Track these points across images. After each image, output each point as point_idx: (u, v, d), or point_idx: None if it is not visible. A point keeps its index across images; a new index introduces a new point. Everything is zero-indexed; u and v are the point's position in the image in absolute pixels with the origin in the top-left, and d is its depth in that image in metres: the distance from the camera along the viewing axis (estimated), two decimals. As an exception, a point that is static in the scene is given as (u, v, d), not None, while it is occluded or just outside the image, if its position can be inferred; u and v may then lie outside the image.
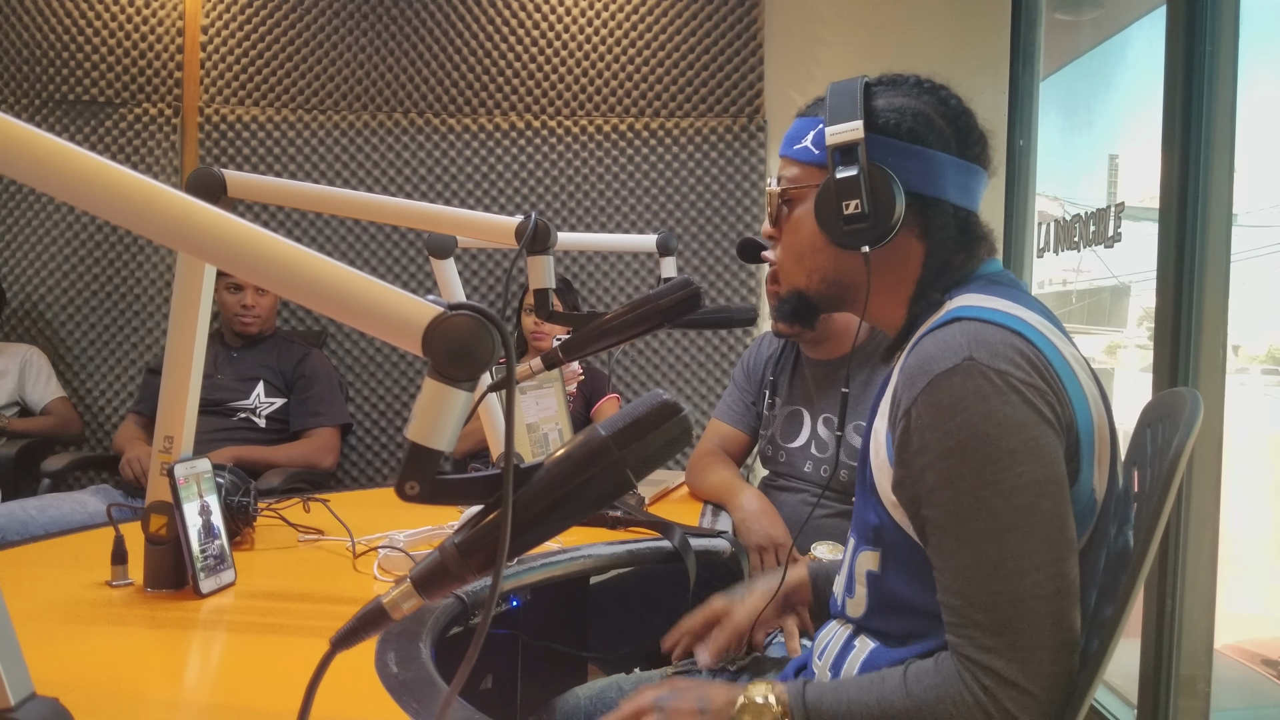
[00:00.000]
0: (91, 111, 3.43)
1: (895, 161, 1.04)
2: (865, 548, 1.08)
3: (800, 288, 1.15)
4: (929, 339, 0.97)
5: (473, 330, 0.66)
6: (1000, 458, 0.90)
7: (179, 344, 1.35)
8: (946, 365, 0.93)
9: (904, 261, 1.09)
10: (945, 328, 0.97)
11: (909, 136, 1.05)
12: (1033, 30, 3.35)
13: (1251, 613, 2.72)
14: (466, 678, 0.66)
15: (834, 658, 1.12)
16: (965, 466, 0.91)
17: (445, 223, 1.53)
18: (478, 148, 3.47)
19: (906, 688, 0.94)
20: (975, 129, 1.09)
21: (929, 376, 0.93)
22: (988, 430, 0.91)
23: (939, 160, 1.06)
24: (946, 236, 1.07)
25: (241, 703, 1.01)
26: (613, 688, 1.40)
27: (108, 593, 1.35)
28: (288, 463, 2.79)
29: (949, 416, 0.92)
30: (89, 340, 3.44)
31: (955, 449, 0.92)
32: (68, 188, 0.72)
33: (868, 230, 1.05)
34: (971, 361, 0.92)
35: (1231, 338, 2.22)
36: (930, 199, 1.06)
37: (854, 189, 1.03)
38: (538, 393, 2.11)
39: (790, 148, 1.14)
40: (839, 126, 1.05)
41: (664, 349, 3.50)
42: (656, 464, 0.70)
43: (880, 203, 1.03)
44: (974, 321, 0.96)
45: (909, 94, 1.08)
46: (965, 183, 1.08)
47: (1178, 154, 2.23)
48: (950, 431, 0.92)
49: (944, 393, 0.92)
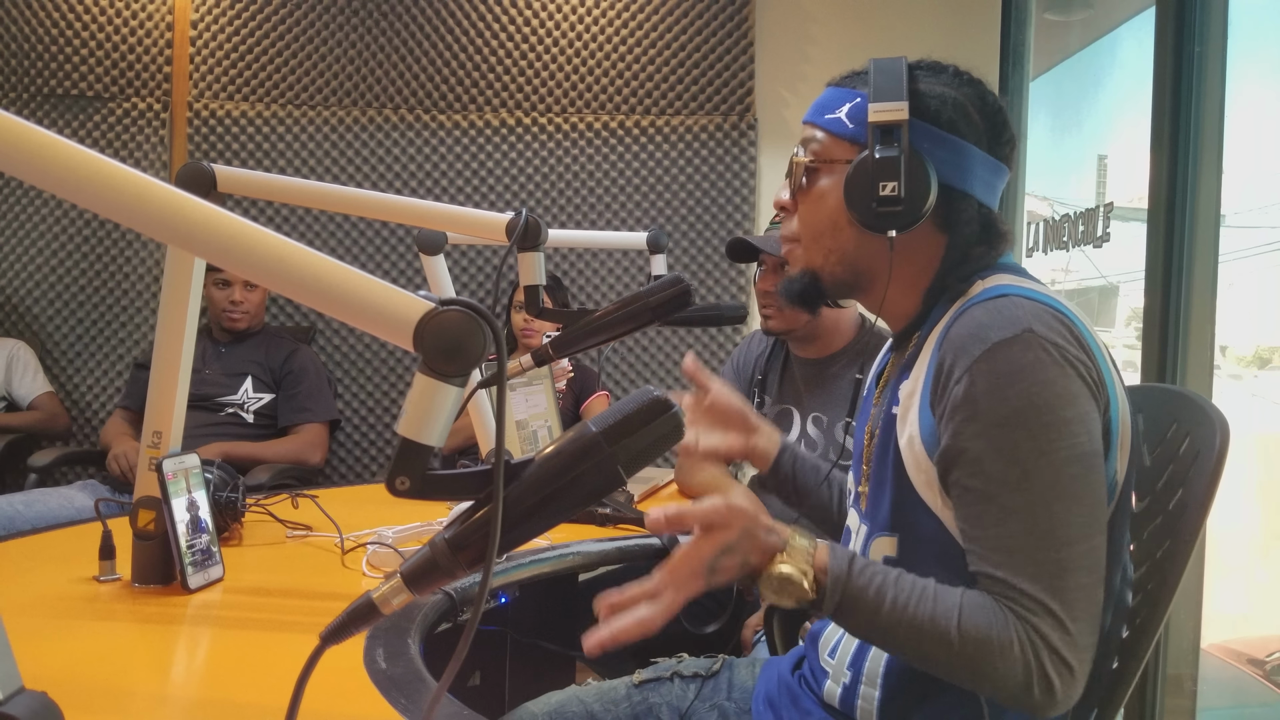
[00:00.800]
0: (80, 106, 3.41)
1: (931, 149, 1.02)
2: (880, 534, 1.06)
3: (815, 267, 1.11)
4: (979, 309, 0.96)
5: (464, 326, 0.66)
6: (1057, 426, 0.90)
7: (167, 339, 1.34)
8: (1006, 334, 0.92)
9: (924, 252, 1.07)
10: (994, 301, 0.96)
11: (948, 126, 1.03)
12: (1022, 30, 3.36)
13: (1238, 612, 2.74)
14: (455, 674, 0.66)
15: (850, 657, 1.09)
16: (1020, 434, 0.91)
17: (436, 219, 1.53)
18: (468, 144, 3.47)
19: (960, 616, 0.90)
20: (1007, 128, 1.06)
21: (986, 345, 0.93)
22: (1047, 399, 0.91)
23: (972, 154, 1.04)
24: (969, 231, 1.05)
25: (230, 698, 1.01)
26: (571, 700, 1.29)
27: (95, 588, 1.34)
28: (276, 458, 2.78)
29: (1008, 384, 0.91)
30: (76, 335, 3.43)
31: (1011, 416, 0.91)
32: (59, 181, 0.71)
33: (898, 215, 1.02)
34: (1031, 333, 0.92)
35: (1219, 338, 2.23)
36: (958, 192, 1.04)
37: (893, 170, 1.00)
38: (527, 390, 2.11)
39: (820, 116, 1.09)
40: (884, 104, 1.01)
41: (654, 346, 3.50)
42: (647, 460, 0.70)
43: (915, 189, 1.01)
44: (1022, 298, 0.96)
45: (949, 83, 1.05)
46: (991, 180, 1.06)
47: (1166, 154, 2.24)
48: (1008, 399, 0.91)
49: (1003, 360, 0.92)
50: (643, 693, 1.30)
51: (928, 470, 0.99)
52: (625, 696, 1.29)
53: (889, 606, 0.92)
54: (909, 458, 1.01)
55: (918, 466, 1.00)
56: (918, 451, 1.00)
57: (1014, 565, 0.90)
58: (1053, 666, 0.88)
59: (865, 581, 0.93)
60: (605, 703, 1.29)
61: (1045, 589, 0.89)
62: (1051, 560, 0.89)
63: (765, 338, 2.14)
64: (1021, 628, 0.89)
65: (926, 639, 0.91)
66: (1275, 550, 2.67)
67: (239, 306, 2.91)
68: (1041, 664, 0.88)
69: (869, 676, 1.06)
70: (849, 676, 1.09)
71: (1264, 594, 2.72)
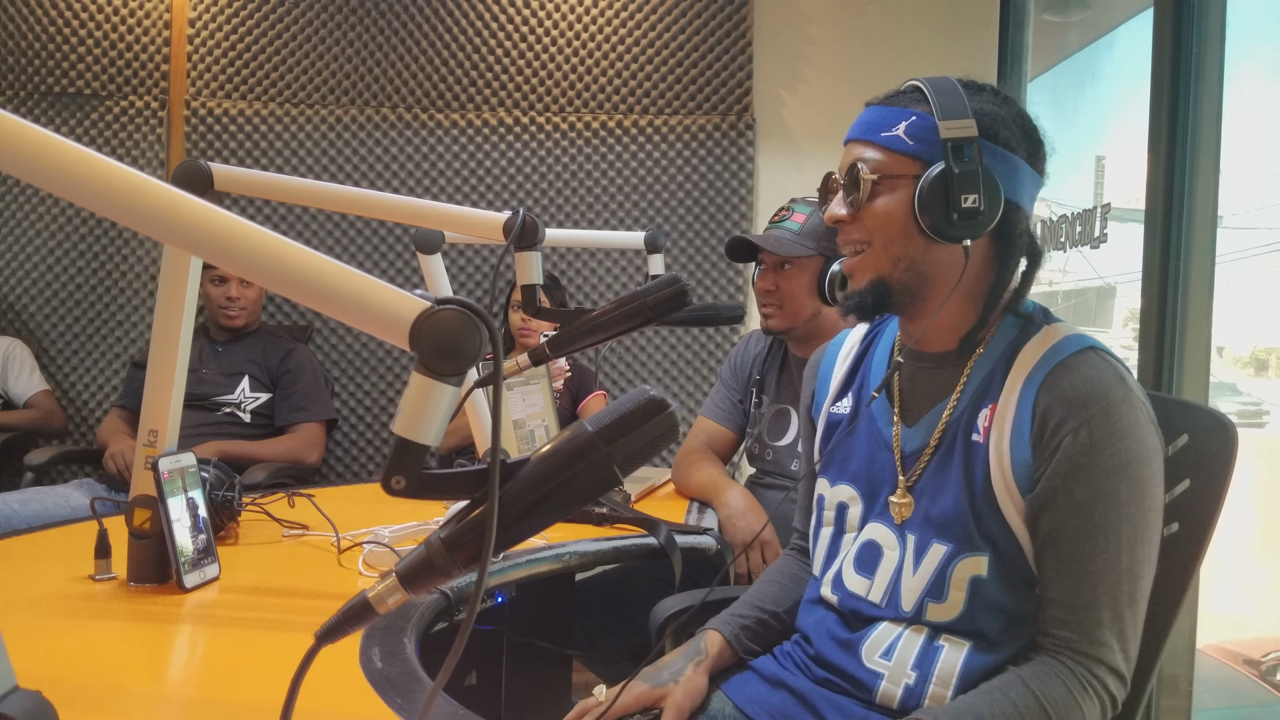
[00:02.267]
0: (77, 104, 3.40)
1: (992, 164, 1.10)
2: (969, 554, 1.11)
3: (884, 275, 1.15)
4: (1087, 368, 1.07)
5: (460, 325, 0.66)
6: (1149, 479, 1.05)
7: (164, 337, 1.34)
8: (1118, 395, 1.05)
9: (981, 262, 1.15)
10: (1094, 357, 1.08)
11: (1004, 143, 1.11)
12: (1021, 31, 3.36)
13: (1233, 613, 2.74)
14: (451, 673, 0.66)
15: (915, 659, 1.13)
16: (1123, 483, 1.04)
17: (433, 218, 1.52)
18: (465, 143, 3.47)
19: (1038, 694, 1.02)
20: (1042, 141, 1.17)
21: (1104, 402, 1.04)
22: (1144, 454, 1.05)
23: (1022, 168, 1.12)
24: (1022, 242, 1.13)
25: (225, 697, 1.01)
26: None
27: (91, 587, 1.34)
28: (273, 458, 2.78)
29: (1120, 439, 1.04)
30: (73, 334, 3.42)
31: (1118, 469, 1.03)
32: (56, 179, 0.71)
33: (975, 224, 1.09)
34: (1135, 395, 1.06)
35: (1215, 339, 2.24)
36: (1012, 204, 1.12)
37: (973, 184, 1.07)
38: (524, 389, 2.11)
39: (875, 134, 1.14)
40: (954, 122, 1.09)
41: (651, 346, 3.50)
42: (643, 460, 0.70)
43: (989, 200, 1.09)
44: (1108, 355, 1.09)
45: (993, 101, 1.13)
46: (1034, 193, 1.16)
47: (1164, 155, 2.24)
48: (1118, 452, 1.03)
49: (1118, 418, 1.04)
50: None
51: (1017, 501, 1.08)
52: None
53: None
54: (1001, 491, 1.09)
55: (1009, 494, 1.08)
56: (1009, 483, 1.08)
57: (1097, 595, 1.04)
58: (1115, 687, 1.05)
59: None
60: None
61: (1117, 617, 1.04)
62: (1129, 592, 1.04)
63: (763, 337, 2.14)
64: (1084, 666, 1.04)
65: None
66: (1271, 551, 2.67)
67: (235, 303, 2.91)
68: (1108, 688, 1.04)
69: (940, 677, 1.11)
70: (914, 677, 1.12)
71: (1260, 595, 2.73)
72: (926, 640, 1.12)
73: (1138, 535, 1.04)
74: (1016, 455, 1.07)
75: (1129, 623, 1.04)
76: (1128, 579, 1.04)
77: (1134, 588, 1.04)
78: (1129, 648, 1.05)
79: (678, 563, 1.68)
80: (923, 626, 1.13)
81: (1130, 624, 1.05)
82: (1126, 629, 1.04)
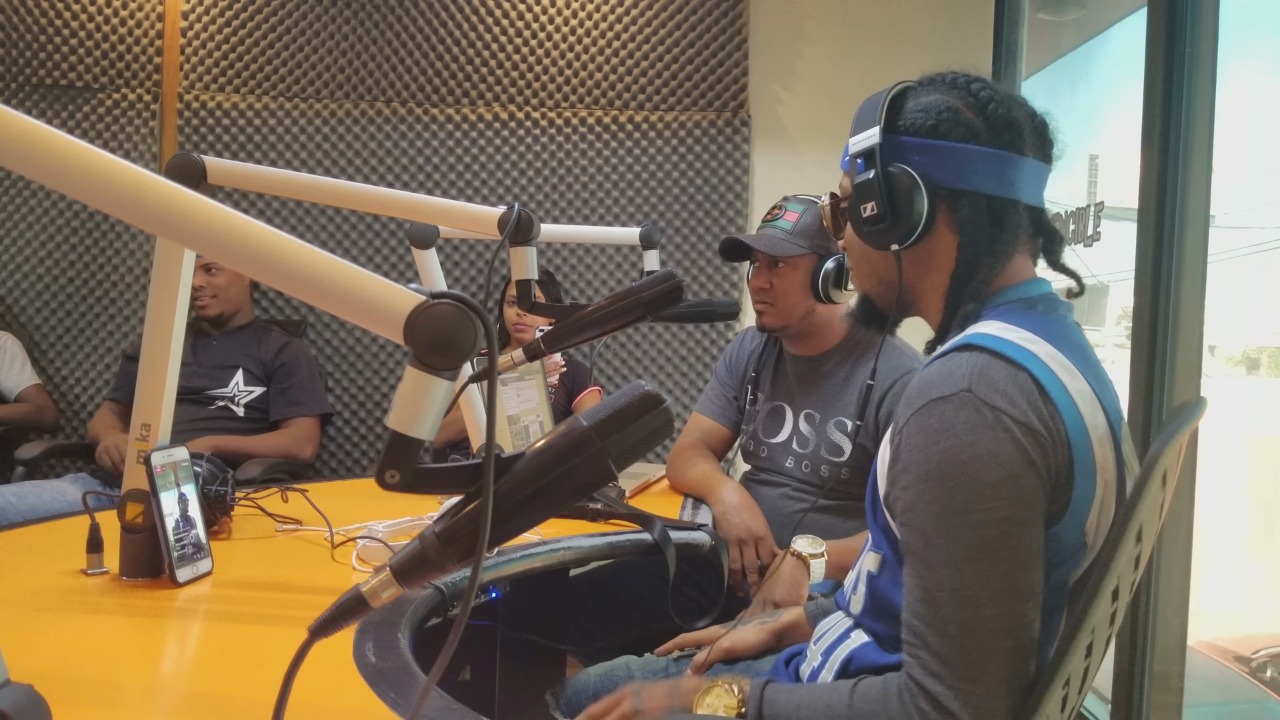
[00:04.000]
0: (70, 96, 3.39)
1: (918, 159, 1.06)
2: (871, 549, 1.11)
3: (866, 291, 1.19)
4: (936, 364, 0.99)
5: (455, 319, 0.66)
6: (974, 489, 0.92)
7: (157, 331, 1.34)
8: (943, 392, 0.95)
9: (941, 256, 1.10)
10: (954, 354, 0.98)
11: (929, 133, 1.07)
12: (1015, 30, 3.36)
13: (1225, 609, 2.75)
14: (444, 668, 0.66)
15: (828, 645, 1.15)
16: (939, 491, 0.93)
17: (428, 212, 1.52)
18: (460, 138, 3.46)
19: (851, 700, 0.98)
20: (1009, 116, 1.07)
21: (925, 400, 0.96)
22: (967, 460, 0.92)
23: (965, 153, 1.06)
24: (975, 227, 1.07)
25: (218, 691, 1.00)
26: (620, 668, 1.50)
27: (83, 581, 1.34)
28: (267, 453, 2.77)
29: (934, 441, 0.94)
30: (65, 327, 3.41)
31: (934, 473, 0.93)
32: (48, 171, 0.71)
33: (892, 229, 1.07)
34: (968, 393, 0.94)
35: (1208, 338, 2.24)
36: (959, 191, 1.06)
37: (869, 192, 1.06)
38: (519, 384, 2.11)
39: (843, 160, 1.16)
40: (859, 135, 1.09)
41: (646, 342, 3.50)
42: (638, 455, 0.70)
43: (899, 202, 1.06)
44: (983, 352, 0.96)
45: (938, 91, 1.09)
46: (1000, 170, 1.06)
47: (1157, 154, 2.24)
48: (931, 456, 0.94)
49: (934, 418, 0.94)
50: (679, 665, 1.47)
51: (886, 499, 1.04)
52: (664, 668, 1.48)
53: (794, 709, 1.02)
54: (881, 486, 1.06)
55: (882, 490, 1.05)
56: (882, 478, 1.05)
57: (924, 617, 0.93)
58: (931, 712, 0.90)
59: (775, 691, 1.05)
60: (647, 671, 1.47)
61: (948, 647, 0.90)
62: (958, 620, 0.91)
63: (758, 334, 2.14)
64: (909, 695, 0.92)
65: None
66: (1262, 548, 2.68)
67: (203, 291, 2.88)
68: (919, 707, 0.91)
69: (831, 664, 1.13)
70: (819, 660, 1.16)
71: (1251, 591, 2.74)
72: (845, 630, 1.15)
73: (965, 554, 0.91)
74: (889, 450, 1.03)
75: (971, 657, 0.90)
76: (956, 604, 0.90)
77: (968, 616, 0.90)
78: (970, 687, 0.89)
79: (672, 558, 1.68)
80: (850, 617, 1.16)
81: (973, 659, 0.90)
82: (962, 664, 0.90)
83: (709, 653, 1.40)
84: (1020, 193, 1.08)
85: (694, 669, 1.40)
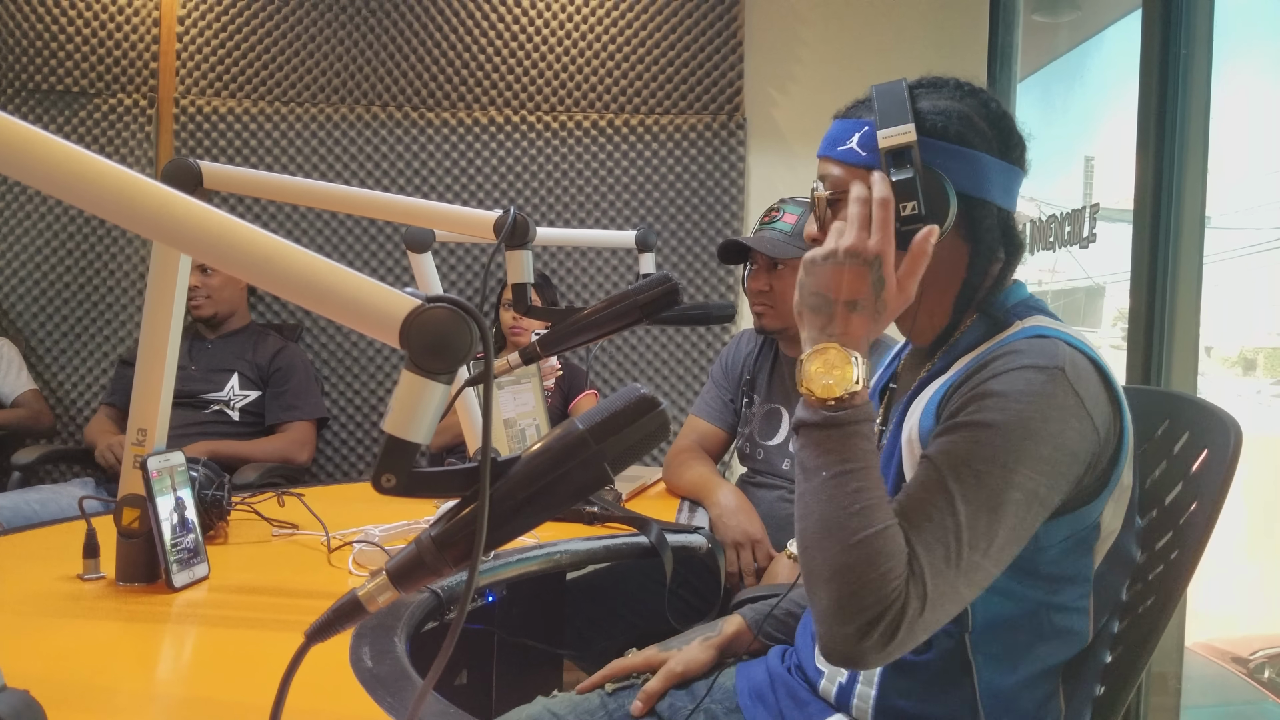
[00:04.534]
0: (65, 101, 3.39)
1: (944, 163, 1.06)
2: None
3: None
4: (1023, 341, 1.01)
5: (451, 322, 0.66)
6: (1029, 455, 0.94)
7: (153, 335, 1.33)
8: (1040, 362, 0.97)
9: (950, 262, 1.10)
10: (1040, 339, 1.01)
11: (956, 139, 1.06)
12: (1011, 32, 3.37)
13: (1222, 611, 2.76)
14: (441, 672, 0.66)
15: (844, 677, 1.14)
16: (997, 439, 0.94)
17: (423, 216, 1.52)
18: (456, 142, 3.46)
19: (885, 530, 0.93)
20: (1015, 131, 1.10)
21: (1021, 362, 0.97)
22: (1037, 429, 0.94)
23: (984, 162, 1.07)
24: (991, 237, 1.09)
25: (214, 696, 1.00)
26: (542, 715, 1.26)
27: (79, 586, 1.34)
28: (263, 457, 2.77)
29: (1015, 400, 0.95)
30: (61, 332, 3.40)
31: (1000, 424, 0.95)
32: (44, 176, 0.71)
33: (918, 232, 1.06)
34: (1061, 372, 0.96)
35: (1204, 339, 2.25)
36: (976, 200, 1.07)
37: (910, 191, 1.04)
38: (515, 388, 2.11)
39: (834, 149, 1.13)
40: (891, 130, 1.06)
41: (642, 345, 3.50)
42: (634, 458, 0.70)
43: (934, 204, 1.05)
44: (1065, 343, 1.00)
45: (951, 97, 1.09)
46: (1007, 184, 1.10)
47: (1152, 156, 2.25)
48: (1009, 409, 0.95)
49: (1025, 381, 0.96)
50: (618, 700, 1.29)
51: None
52: (600, 705, 1.28)
53: (856, 466, 0.95)
54: (907, 459, 1.06)
55: (912, 466, 1.04)
56: (915, 451, 1.04)
57: (926, 542, 0.93)
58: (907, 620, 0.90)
59: (865, 434, 0.97)
60: (579, 713, 1.26)
61: (936, 574, 0.92)
62: (954, 555, 0.92)
63: (754, 337, 2.14)
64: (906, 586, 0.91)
65: (849, 516, 0.93)
66: (1260, 550, 2.69)
67: (197, 291, 2.89)
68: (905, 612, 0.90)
69: (865, 675, 1.11)
70: (845, 675, 1.13)
71: (1248, 593, 2.74)
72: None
73: (990, 504, 0.93)
74: (924, 421, 1.04)
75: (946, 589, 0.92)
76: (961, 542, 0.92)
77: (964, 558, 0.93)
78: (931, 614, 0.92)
79: (668, 561, 1.68)
80: None
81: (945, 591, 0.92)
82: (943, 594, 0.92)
83: (658, 680, 1.27)
84: (1015, 205, 1.12)
85: (644, 699, 1.25)
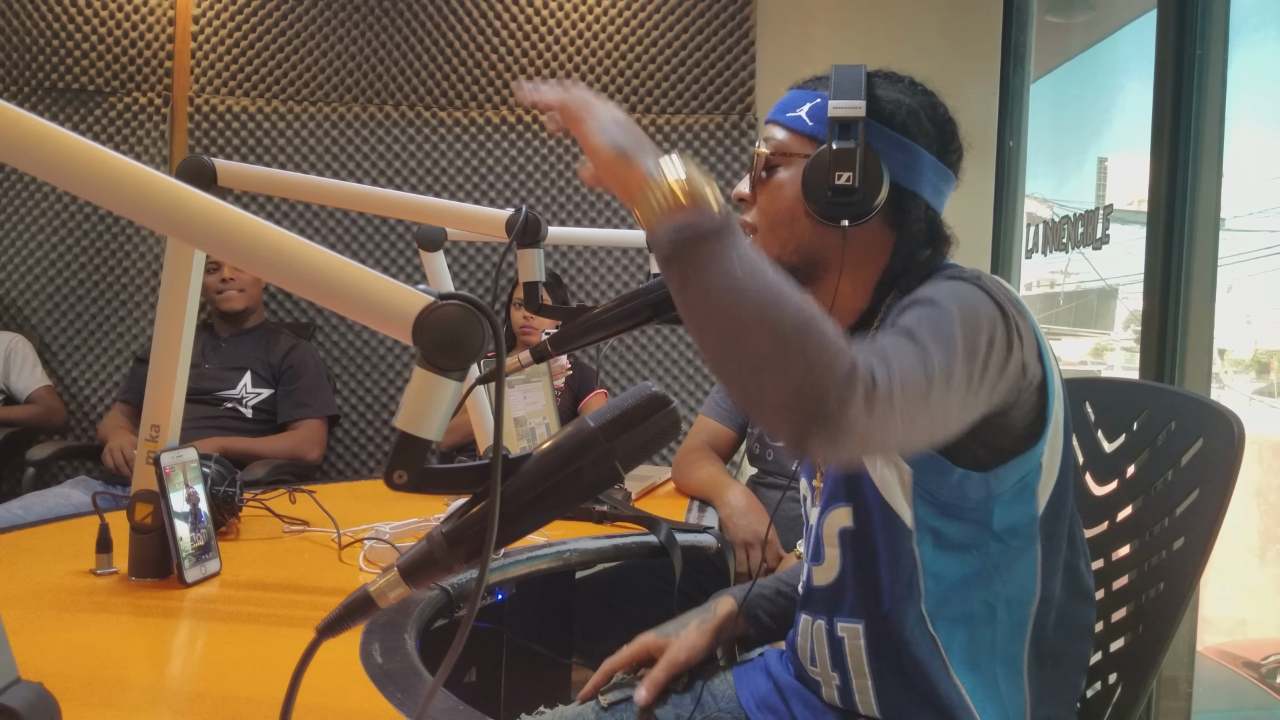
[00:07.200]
0: (81, 100, 3.41)
1: (884, 149, 1.07)
2: (836, 505, 1.10)
3: (772, 256, 1.11)
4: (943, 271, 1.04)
5: (463, 320, 0.66)
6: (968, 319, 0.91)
7: (167, 332, 1.34)
8: (954, 275, 1.00)
9: (875, 247, 1.12)
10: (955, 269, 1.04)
11: (901, 129, 1.08)
12: (1024, 32, 3.36)
13: (1233, 615, 2.75)
14: (451, 668, 0.66)
15: (829, 658, 1.13)
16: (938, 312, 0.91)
17: (435, 214, 1.53)
18: (468, 141, 3.47)
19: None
20: (956, 138, 1.13)
21: (942, 276, 1.01)
22: (975, 303, 0.94)
23: (923, 158, 1.10)
24: (917, 231, 1.11)
25: (226, 691, 1.01)
26: None
27: (92, 581, 1.34)
28: (274, 454, 2.78)
29: (945, 294, 0.94)
30: (75, 329, 3.42)
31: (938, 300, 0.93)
32: (60, 173, 0.71)
33: (851, 206, 1.06)
34: (980, 279, 0.99)
35: (1217, 341, 2.24)
36: (908, 192, 1.09)
37: (849, 161, 1.05)
38: (525, 387, 2.11)
39: (782, 114, 1.14)
40: (843, 102, 1.06)
41: (652, 345, 3.50)
42: (645, 456, 0.70)
43: (869, 181, 1.05)
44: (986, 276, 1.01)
45: (905, 91, 1.11)
46: (939, 185, 1.12)
47: (1166, 157, 2.24)
48: (939, 297, 0.94)
49: (949, 284, 0.97)
50: (614, 714, 1.23)
51: None
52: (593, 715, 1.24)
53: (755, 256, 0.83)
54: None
55: None
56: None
57: (886, 353, 0.83)
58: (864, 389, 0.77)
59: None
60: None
61: (903, 359, 0.83)
62: (921, 361, 0.84)
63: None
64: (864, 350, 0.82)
65: (793, 291, 0.81)
66: (1270, 554, 2.67)
67: (231, 284, 2.91)
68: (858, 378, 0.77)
69: (855, 669, 1.10)
70: (838, 677, 1.12)
71: (1259, 597, 2.73)
72: (829, 635, 1.12)
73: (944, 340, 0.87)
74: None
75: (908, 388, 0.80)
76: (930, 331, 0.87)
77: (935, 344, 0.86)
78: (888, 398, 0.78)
79: (678, 561, 1.69)
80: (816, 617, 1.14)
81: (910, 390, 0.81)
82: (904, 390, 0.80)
83: (661, 669, 1.23)
84: (943, 208, 1.14)
85: (650, 687, 1.21)
